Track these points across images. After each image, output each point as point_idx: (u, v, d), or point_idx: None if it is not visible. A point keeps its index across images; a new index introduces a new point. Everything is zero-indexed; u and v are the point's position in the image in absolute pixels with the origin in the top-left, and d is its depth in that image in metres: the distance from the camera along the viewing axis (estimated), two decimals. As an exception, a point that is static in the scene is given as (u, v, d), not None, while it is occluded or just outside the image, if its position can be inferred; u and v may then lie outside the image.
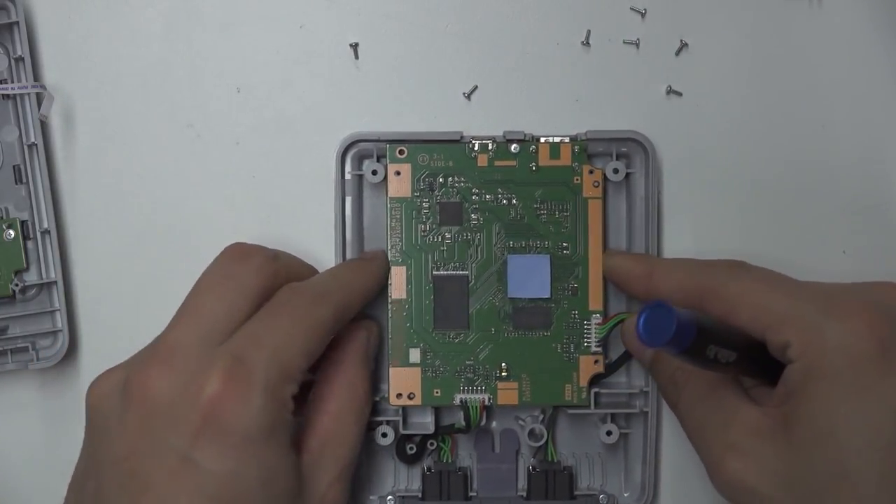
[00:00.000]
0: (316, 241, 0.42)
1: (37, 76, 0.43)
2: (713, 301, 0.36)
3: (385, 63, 0.43)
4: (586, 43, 0.43)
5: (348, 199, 0.42)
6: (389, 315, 0.41)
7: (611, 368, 0.42)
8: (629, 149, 0.42)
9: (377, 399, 0.42)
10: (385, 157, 0.42)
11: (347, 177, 0.42)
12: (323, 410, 0.38)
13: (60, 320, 0.42)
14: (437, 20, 0.43)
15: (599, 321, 0.41)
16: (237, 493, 0.33)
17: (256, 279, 0.37)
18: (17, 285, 0.42)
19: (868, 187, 0.43)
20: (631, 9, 0.43)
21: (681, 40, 0.43)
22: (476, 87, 0.43)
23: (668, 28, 0.43)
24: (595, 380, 0.42)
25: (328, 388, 0.39)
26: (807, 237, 0.43)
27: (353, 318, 0.41)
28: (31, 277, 0.43)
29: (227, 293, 0.37)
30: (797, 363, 0.34)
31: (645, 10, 0.43)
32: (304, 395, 0.40)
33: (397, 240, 0.41)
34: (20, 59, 0.42)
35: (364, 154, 0.42)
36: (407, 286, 0.41)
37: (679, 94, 0.43)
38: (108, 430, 0.35)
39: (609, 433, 0.42)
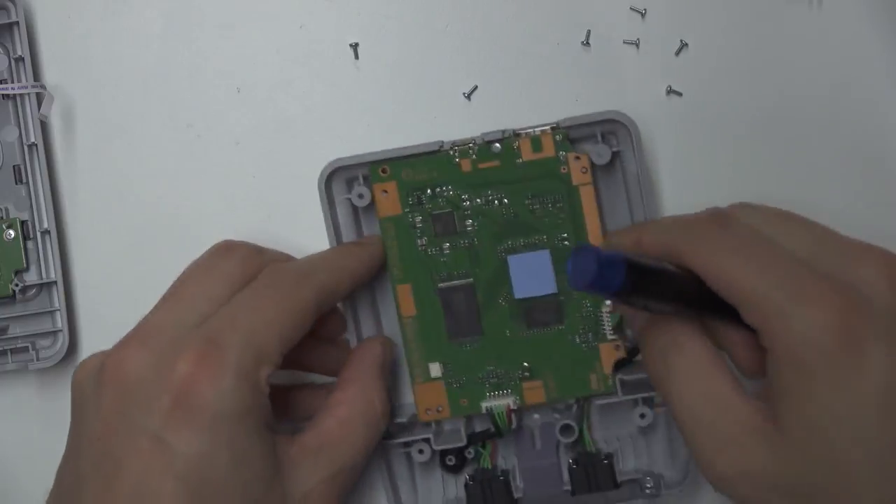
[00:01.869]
0: (315, 241, 0.42)
1: (37, 76, 0.43)
2: (689, 266, 0.34)
3: (385, 63, 0.43)
4: (586, 43, 0.43)
5: (342, 223, 0.41)
6: (403, 334, 0.41)
7: (633, 352, 0.40)
8: (613, 128, 0.41)
9: (396, 421, 0.41)
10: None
11: (340, 201, 0.41)
12: (332, 414, 0.38)
13: (60, 320, 0.42)
14: (436, 20, 0.43)
15: (610, 307, 0.40)
16: (208, 474, 0.33)
17: (239, 269, 0.38)
18: (17, 285, 0.42)
19: (868, 187, 0.43)
20: (631, 9, 0.43)
21: (681, 40, 0.42)
22: (476, 87, 0.43)
23: (668, 28, 0.42)
24: (619, 364, 0.41)
25: (343, 394, 0.39)
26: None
27: (350, 316, 0.41)
28: (31, 277, 0.43)
29: (207, 280, 0.37)
30: (770, 355, 0.32)
31: (645, 10, 0.43)
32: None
33: (396, 258, 0.41)
34: (20, 59, 0.42)
35: (351, 178, 0.41)
36: (415, 303, 0.41)
37: (679, 94, 0.43)
38: (86, 411, 0.35)
39: (643, 415, 0.41)
